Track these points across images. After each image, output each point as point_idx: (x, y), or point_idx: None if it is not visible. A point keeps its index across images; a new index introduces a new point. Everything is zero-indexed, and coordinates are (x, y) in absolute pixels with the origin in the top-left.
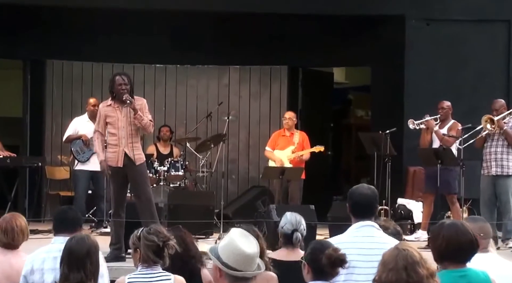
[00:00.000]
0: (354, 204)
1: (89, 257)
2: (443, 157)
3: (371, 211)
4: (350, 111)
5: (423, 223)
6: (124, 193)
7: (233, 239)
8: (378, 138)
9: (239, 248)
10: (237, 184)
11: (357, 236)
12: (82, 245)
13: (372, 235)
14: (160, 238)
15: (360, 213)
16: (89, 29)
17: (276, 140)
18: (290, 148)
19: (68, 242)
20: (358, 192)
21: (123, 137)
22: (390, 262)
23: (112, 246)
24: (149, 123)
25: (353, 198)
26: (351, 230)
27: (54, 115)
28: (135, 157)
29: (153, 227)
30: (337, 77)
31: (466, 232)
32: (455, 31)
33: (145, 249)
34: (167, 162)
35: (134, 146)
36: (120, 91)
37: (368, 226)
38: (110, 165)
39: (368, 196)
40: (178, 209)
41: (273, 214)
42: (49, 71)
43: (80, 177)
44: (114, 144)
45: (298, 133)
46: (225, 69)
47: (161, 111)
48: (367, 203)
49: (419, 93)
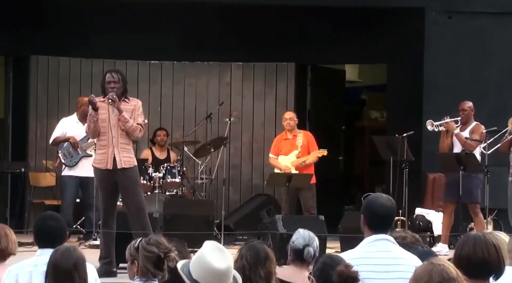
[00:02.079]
0: (372, 216)
1: (76, 270)
2: (465, 162)
3: (389, 224)
4: (363, 112)
5: (443, 235)
6: (114, 202)
7: (203, 253)
8: (394, 142)
9: (208, 263)
10: (240, 192)
11: (371, 251)
12: (68, 258)
13: (388, 250)
14: (161, 249)
15: (378, 226)
16: (78, 22)
17: (278, 145)
18: (294, 153)
19: (53, 255)
20: (377, 203)
21: (114, 136)
22: (423, 277)
23: (102, 260)
24: (135, 127)
25: (371, 210)
26: (364, 245)
27: (39, 116)
28: (123, 160)
29: (153, 237)
30: (350, 75)
31: (485, 246)
32: (479, 25)
33: (144, 260)
34: (162, 167)
35: (125, 148)
36: (108, 90)
37: (383, 240)
38: (98, 167)
39: (388, 208)
40: (175, 219)
41: (279, 225)
42: (33, 67)
43: (68, 184)
44: (103, 145)
45: (301, 134)
46: (227, 66)
47: (157, 112)
48: (386, 215)
49: (439, 93)
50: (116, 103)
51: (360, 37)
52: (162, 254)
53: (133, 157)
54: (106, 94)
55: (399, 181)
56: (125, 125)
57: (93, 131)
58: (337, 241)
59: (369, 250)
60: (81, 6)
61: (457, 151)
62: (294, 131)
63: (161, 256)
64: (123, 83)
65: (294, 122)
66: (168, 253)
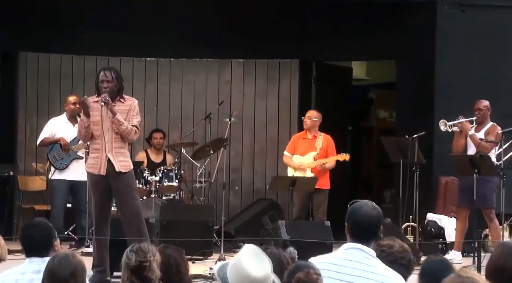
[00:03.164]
0: (355, 225)
1: (73, 278)
2: (480, 165)
3: (373, 234)
4: (371, 111)
5: (456, 242)
6: (107, 207)
7: (240, 259)
8: (404, 143)
9: (245, 270)
10: (240, 196)
11: (342, 259)
12: (65, 265)
13: (360, 261)
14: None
15: (360, 236)
16: (69, 17)
17: (295, 144)
18: (311, 154)
19: (50, 262)
20: (361, 211)
21: (108, 141)
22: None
23: (95, 269)
24: (129, 129)
25: (354, 218)
26: (338, 251)
27: (28, 116)
28: (119, 164)
29: (140, 244)
30: (357, 72)
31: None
32: (493, 19)
33: (124, 268)
34: (159, 171)
35: (120, 152)
36: (102, 89)
37: (356, 249)
38: (91, 172)
39: (372, 217)
40: (172, 225)
41: (282, 231)
42: (22, 65)
43: (58, 188)
44: (97, 149)
45: (322, 137)
46: (227, 63)
47: (152, 112)
48: (369, 225)
49: (452, 91)
50: (110, 105)
51: (368, 32)
52: (137, 263)
53: (129, 160)
54: (100, 93)
55: (409, 185)
56: (119, 128)
57: (84, 136)
58: None
59: (340, 257)
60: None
61: (471, 153)
62: (315, 132)
63: (138, 264)
64: (117, 81)
65: (313, 122)
66: (144, 263)
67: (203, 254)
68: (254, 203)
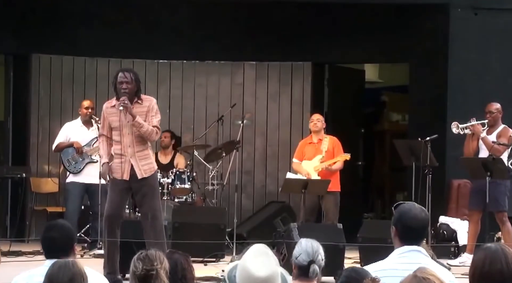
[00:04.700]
0: (404, 228)
1: None
2: (492, 168)
3: (422, 237)
4: (384, 114)
5: (469, 245)
6: (122, 205)
7: (245, 259)
8: (416, 146)
9: (248, 270)
10: (253, 199)
11: (401, 263)
12: (64, 273)
13: (419, 263)
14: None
15: (411, 239)
16: (82, 19)
17: (302, 150)
18: (317, 158)
19: (50, 269)
20: (410, 214)
21: (129, 145)
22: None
23: (106, 269)
24: (150, 130)
25: (404, 222)
26: (394, 256)
27: (41, 118)
28: (143, 169)
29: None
30: (369, 75)
31: (498, 260)
32: (507, 22)
33: (131, 275)
34: (171, 173)
35: (143, 155)
36: (121, 91)
37: (415, 251)
38: (114, 177)
39: (421, 220)
40: (184, 227)
41: (294, 234)
42: (34, 67)
43: (72, 191)
44: (118, 154)
45: (327, 139)
46: (239, 66)
47: (165, 114)
48: (419, 228)
49: (464, 94)
50: (129, 109)
51: (381, 35)
52: (144, 271)
53: (153, 161)
54: (118, 95)
55: (422, 188)
56: (140, 130)
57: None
58: (356, 250)
59: (399, 261)
60: (86, 2)
61: (483, 156)
62: (320, 135)
63: (145, 273)
64: (136, 83)
65: (320, 125)
66: (150, 271)
67: (215, 256)
68: (267, 205)
